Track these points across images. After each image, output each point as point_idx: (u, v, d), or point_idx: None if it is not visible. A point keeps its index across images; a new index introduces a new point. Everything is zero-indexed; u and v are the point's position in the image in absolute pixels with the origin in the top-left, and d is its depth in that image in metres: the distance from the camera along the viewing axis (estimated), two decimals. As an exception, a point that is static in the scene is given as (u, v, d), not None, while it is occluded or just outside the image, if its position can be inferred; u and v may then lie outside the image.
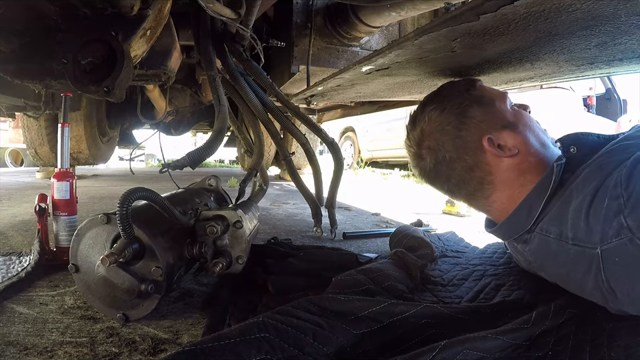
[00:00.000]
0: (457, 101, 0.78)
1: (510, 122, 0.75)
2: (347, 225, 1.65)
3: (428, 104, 0.82)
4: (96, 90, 0.79)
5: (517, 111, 0.79)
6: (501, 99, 0.79)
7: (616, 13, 0.53)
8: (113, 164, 6.22)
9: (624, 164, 0.54)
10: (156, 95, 1.74)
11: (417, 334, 0.58)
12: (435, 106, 0.80)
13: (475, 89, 0.79)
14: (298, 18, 1.43)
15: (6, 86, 1.26)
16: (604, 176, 0.56)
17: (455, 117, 0.76)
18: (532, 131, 0.76)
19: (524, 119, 0.77)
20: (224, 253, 0.76)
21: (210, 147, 0.89)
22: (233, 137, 4.46)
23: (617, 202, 0.51)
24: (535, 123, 0.79)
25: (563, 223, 0.60)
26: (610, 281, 0.53)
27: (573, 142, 0.73)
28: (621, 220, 0.50)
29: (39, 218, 0.93)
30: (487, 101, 0.77)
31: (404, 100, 1.79)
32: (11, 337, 0.61)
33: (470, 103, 0.77)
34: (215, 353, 0.47)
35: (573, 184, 0.62)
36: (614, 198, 0.52)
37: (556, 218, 0.62)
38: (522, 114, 0.79)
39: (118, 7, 0.80)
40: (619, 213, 0.51)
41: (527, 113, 0.80)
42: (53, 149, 3.08)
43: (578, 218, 0.57)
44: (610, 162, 0.58)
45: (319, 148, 5.49)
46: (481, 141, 0.74)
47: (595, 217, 0.54)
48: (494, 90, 0.82)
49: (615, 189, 0.52)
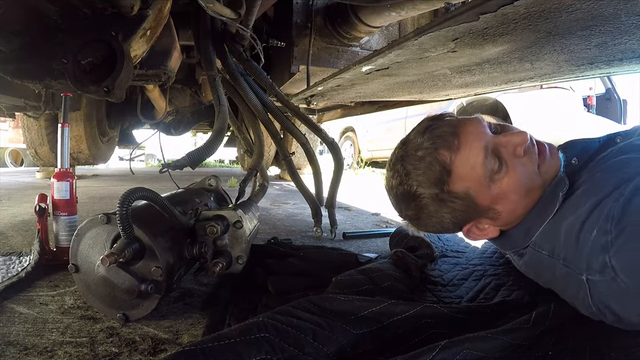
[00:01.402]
0: (432, 199, 0.70)
1: (487, 209, 0.68)
2: (347, 224, 1.65)
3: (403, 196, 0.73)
4: (96, 90, 0.79)
5: (498, 186, 0.66)
6: (477, 183, 0.67)
7: (616, 13, 0.53)
8: (113, 164, 6.21)
9: (620, 192, 0.51)
10: (156, 95, 1.74)
11: (416, 334, 0.58)
12: (410, 200, 0.72)
13: (449, 182, 0.68)
14: (298, 18, 1.43)
15: (6, 86, 1.26)
16: (598, 198, 0.53)
17: (435, 214, 0.72)
18: (518, 189, 0.66)
19: (505, 187, 0.66)
20: (224, 253, 0.76)
21: (210, 147, 0.89)
22: (233, 137, 4.46)
23: (604, 237, 0.49)
24: (523, 168, 0.66)
25: (556, 240, 0.59)
26: (599, 305, 0.52)
27: (577, 153, 0.70)
28: (606, 259, 0.48)
29: (39, 218, 0.93)
30: (461, 196, 0.68)
31: (404, 100, 1.79)
32: (11, 337, 0.61)
33: (443, 204, 0.70)
34: (215, 353, 0.47)
35: (568, 201, 0.60)
36: (602, 232, 0.49)
37: (549, 234, 0.61)
38: (503, 183, 0.66)
39: (118, 6, 0.80)
40: (605, 250, 0.48)
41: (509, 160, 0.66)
42: (53, 149, 3.08)
43: (569, 238, 0.55)
44: (607, 183, 0.55)
45: (318, 148, 5.49)
46: (463, 229, 0.73)
47: (584, 242, 0.52)
48: (469, 172, 0.67)
49: (606, 223, 0.49)
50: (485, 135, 0.68)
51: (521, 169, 0.66)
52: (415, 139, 0.71)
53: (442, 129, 0.69)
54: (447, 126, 0.69)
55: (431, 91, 1.34)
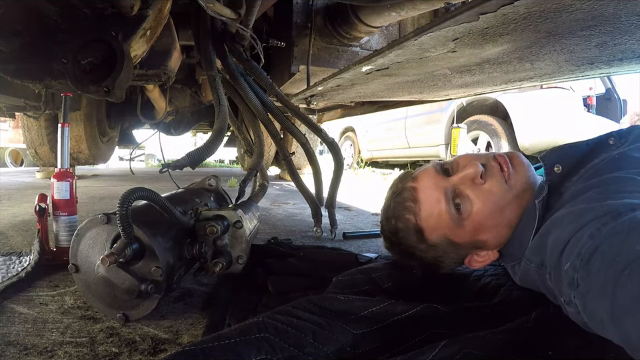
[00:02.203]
0: (423, 251, 0.75)
1: (472, 243, 0.71)
2: (347, 224, 1.65)
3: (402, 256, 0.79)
4: (96, 90, 0.79)
5: (470, 221, 0.68)
6: (449, 228, 0.70)
7: (616, 13, 0.53)
8: (113, 164, 6.21)
9: (598, 228, 0.46)
10: (156, 95, 1.74)
11: (417, 334, 0.58)
12: (408, 258, 0.78)
13: (425, 236, 0.72)
14: (298, 18, 1.43)
15: (6, 86, 1.26)
16: (580, 224, 0.50)
17: (434, 260, 0.76)
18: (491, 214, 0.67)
19: (477, 219, 0.68)
20: (224, 253, 0.76)
21: (210, 147, 0.89)
22: (233, 137, 4.46)
23: (573, 273, 0.47)
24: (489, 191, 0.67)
25: (543, 253, 0.57)
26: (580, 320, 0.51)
27: (557, 159, 0.67)
28: (571, 296, 0.47)
29: (39, 218, 0.93)
30: (442, 242, 0.72)
31: (404, 100, 1.79)
32: (11, 337, 0.61)
33: (434, 251, 0.74)
34: (215, 353, 0.47)
35: (555, 216, 0.58)
36: (572, 268, 0.47)
37: (537, 247, 0.60)
38: (473, 217, 0.68)
39: (118, 7, 0.80)
40: (571, 286, 0.47)
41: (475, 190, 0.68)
42: (53, 149, 3.08)
43: (553, 256, 0.53)
44: (592, 206, 0.51)
45: (318, 148, 5.49)
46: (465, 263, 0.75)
47: (561, 269, 0.50)
48: (438, 222, 0.70)
49: (576, 259, 0.46)
50: (439, 183, 0.71)
51: (488, 194, 0.67)
52: (387, 204, 0.79)
53: (402, 195, 0.75)
54: (407, 191, 0.74)
55: (430, 91, 1.35)
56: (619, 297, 0.39)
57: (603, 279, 0.42)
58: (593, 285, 0.43)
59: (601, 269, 0.43)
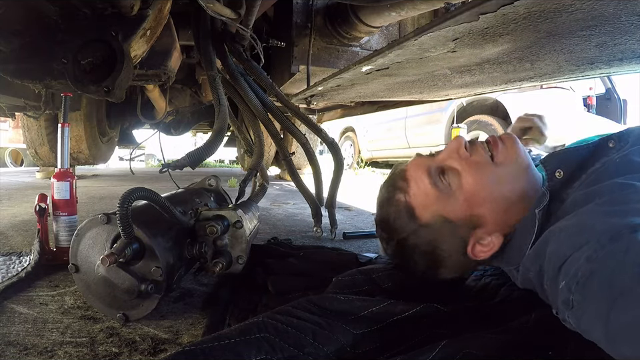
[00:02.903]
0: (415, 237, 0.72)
1: (468, 219, 0.68)
2: (347, 224, 1.65)
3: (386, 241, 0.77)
4: (96, 90, 0.79)
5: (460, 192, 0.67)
6: (439, 202, 0.68)
7: (616, 13, 0.53)
8: (113, 164, 6.22)
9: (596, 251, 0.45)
10: (156, 95, 1.74)
11: (417, 334, 0.58)
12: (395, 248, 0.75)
13: (417, 216, 0.70)
14: (298, 18, 1.43)
15: (6, 86, 1.26)
16: (579, 242, 0.48)
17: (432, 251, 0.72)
18: (483, 185, 0.66)
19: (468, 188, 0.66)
20: (224, 253, 0.76)
21: (210, 147, 0.89)
22: (233, 137, 4.46)
23: (568, 294, 0.46)
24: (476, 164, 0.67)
25: (542, 258, 0.56)
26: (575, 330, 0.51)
27: (559, 164, 0.67)
28: (565, 314, 0.47)
29: (39, 218, 0.93)
30: (436, 221, 0.69)
31: (404, 100, 1.79)
32: (11, 337, 0.61)
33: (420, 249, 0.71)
34: (215, 353, 0.47)
35: (555, 228, 0.56)
36: (567, 289, 0.46)
37: (534, 256, 0.59)
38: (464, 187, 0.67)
39: (118, 7, 0.80)
40: (566, 306, 0.46)
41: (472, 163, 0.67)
42: (53, 149, 3.08)
43: (551, 269, 0.52)
44: (592, 222, 0.50)
45: (318, 148, 5.49)
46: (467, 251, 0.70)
47: (557, 285, 0.49)
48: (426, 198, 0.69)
49: (572, 280, 0.45)
50: (425, 162, 0.72)
51: (475, 164, 0.67)
52: (380, 193, 0.78)
53: (392, 178, 0.75)
54: (397, 173, 0.75)
55: (431, 90, 1.35)
56: (614, 321, 0.39)
57: (597, 304, 0.42)
58: (587, 309, 0.44)
59: (596, 293, 0.43)
